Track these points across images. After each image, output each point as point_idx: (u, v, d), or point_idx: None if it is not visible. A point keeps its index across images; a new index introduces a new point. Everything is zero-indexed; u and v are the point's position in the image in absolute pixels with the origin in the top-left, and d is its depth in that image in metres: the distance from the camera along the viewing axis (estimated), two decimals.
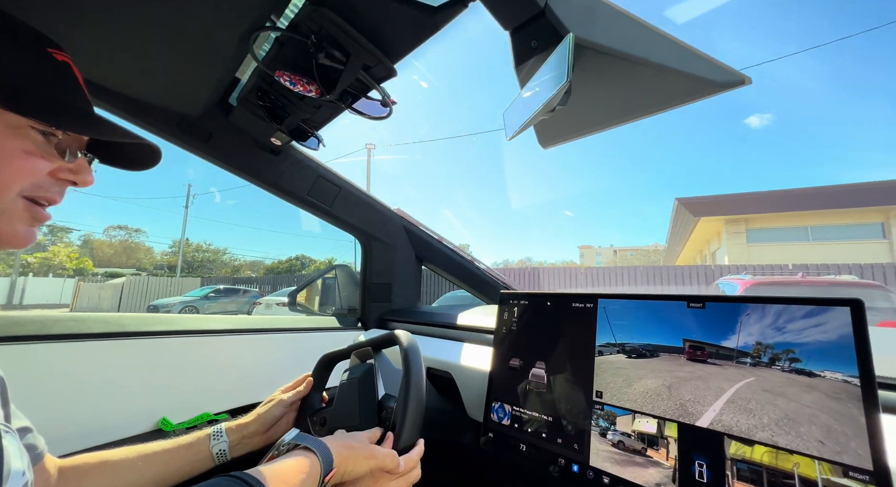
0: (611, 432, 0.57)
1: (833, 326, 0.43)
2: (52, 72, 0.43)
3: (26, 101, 0.40)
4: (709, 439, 0.48)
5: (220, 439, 0.68)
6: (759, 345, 0.48)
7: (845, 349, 0.42)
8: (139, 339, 0.92)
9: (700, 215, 13.16)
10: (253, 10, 0.56)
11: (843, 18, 56.94)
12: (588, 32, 0.49)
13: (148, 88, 0.81)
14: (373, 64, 0.63)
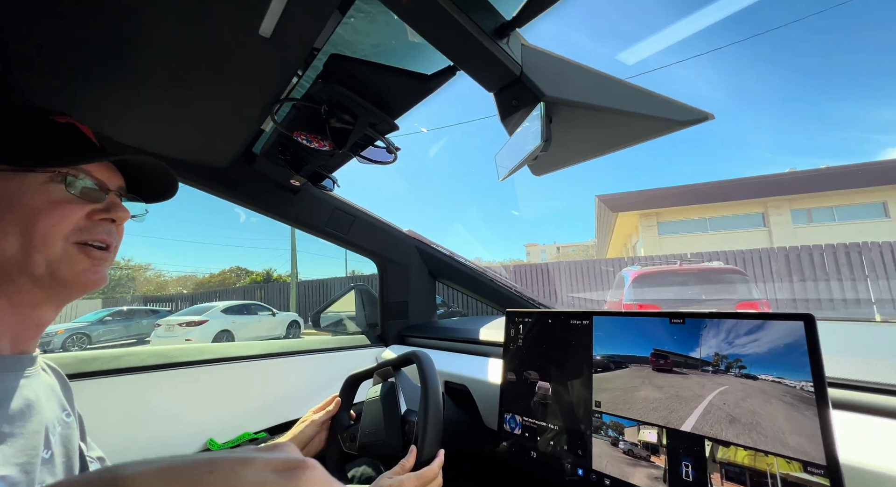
0: (621, 442, 0.62)
1: (782, 336, 0.49)
2: (55, 133, 0.48)
3: (32, 159, 0.45)
4: (691, 441, 0.54)
5: None
6: (718, 356, 0.55)
7: (798, 356, 0.48)
8: (186, 369, 1.03)
9: (618, 210, 14.66)
10: (275, 87, 0.65)
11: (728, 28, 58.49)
12: (559, 91, 0.57)
13: (183, 148, 0.92)
14: (377, 122, 0.72)
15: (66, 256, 0.45)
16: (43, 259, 0.44)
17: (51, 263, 0.45)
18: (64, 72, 0.63)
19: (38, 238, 0.44)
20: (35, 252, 0.44)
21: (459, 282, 1.61)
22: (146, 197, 0.58)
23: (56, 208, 0.45)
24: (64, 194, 0.46)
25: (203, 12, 0.50)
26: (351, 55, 0.62)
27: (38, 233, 0.44)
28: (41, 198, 0.44)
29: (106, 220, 0.49)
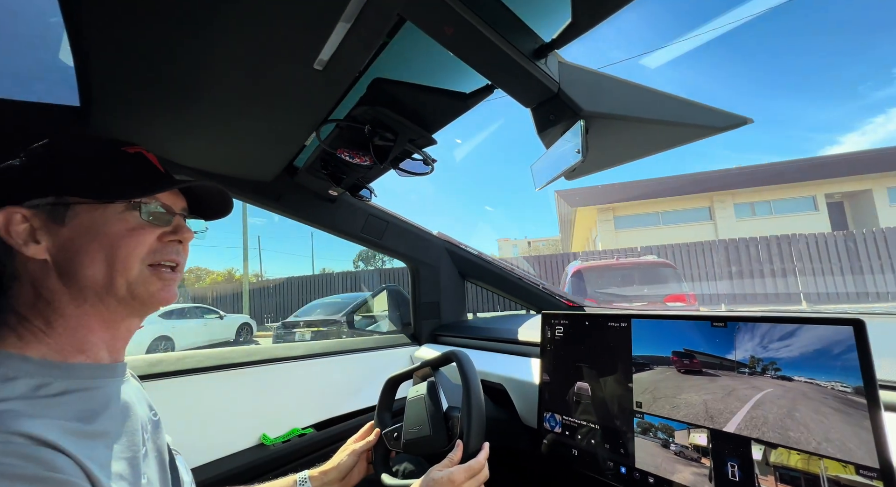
0: (665, 441, 0.64)
1: (835, 340, 0.50)
2: (128, 164, 0.52)
3: (109, 190, 0.49)
4: (737, 442, 0.56)
5: (305, 485, 0.78)
6: (754, 359, 0.56)
7: (845, 360, 0.49)
8: (240, 369, 1.11)
9: (576, 205, 15.47)
10: (322, 111, 0.70)
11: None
12: (596, 105, 0.58)
13: (232, 166, 0.99)
14: (416, 137, 0.75)
15: (141, 278, 0.50)
16: (124, 282, 0.49)
17: (130, 285, 0.49)
18: (135, 106, 0.69)
19: (120, 263, 0.48)
20: (118, 276, 0.48)
21: (489, 282, 1.64)
22: (205, 215, 0.63)
23: (133, 234, 0.50)
24: (138, 220, 0.50)
25: (265, 50, 0.55)
26: (393, 78, 0.66)
27: (119, 258, 0.48)
28: (120, 226, 0.49)
29: (174, 241, 0.54)
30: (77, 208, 0.48)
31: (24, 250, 0.46)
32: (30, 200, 0.46)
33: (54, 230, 0.47)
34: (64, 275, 0.47)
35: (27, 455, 0.35)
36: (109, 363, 0.51)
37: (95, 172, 0.49)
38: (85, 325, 0.48)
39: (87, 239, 0.47)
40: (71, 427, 0.41)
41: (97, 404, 0.46)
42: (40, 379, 0.43)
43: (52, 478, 0.35)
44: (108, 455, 0.43)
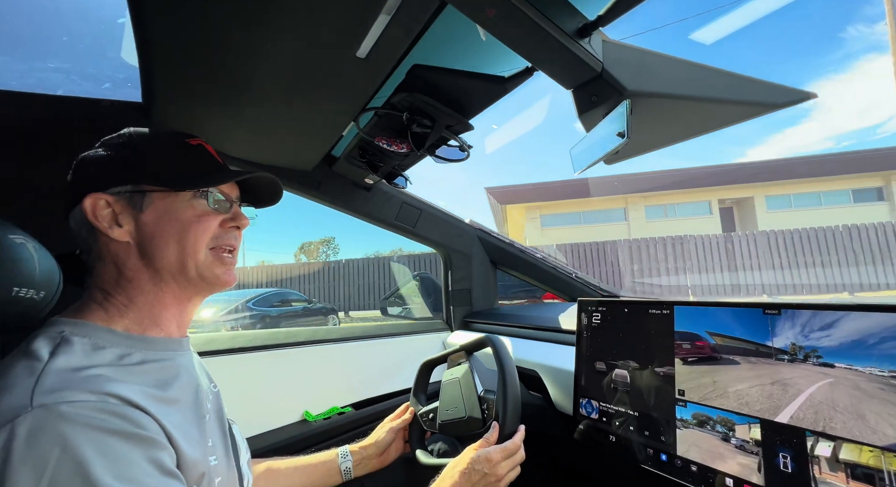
0: (718, 432, 0.61)
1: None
2: (193, 155, 0.56)
3: (181, 180, 0.53)
4: (790, 433, 0.54)
5: (346, 458, 0.84)
6: (812, 348, 0.53)
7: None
8: (286, 349, 1.17)
9: (504, 202, 15.86)
10: (361, 98, 0.72)
11: None
12: (642, 84, 0.56)
13: (276, 155, 1.03)
14: (454, 123, 0.76)
15: (206, 261, 0.54)
16: (193, 265, 0.53)
17: (198, 267, 0.54)
18: (192, 101, 0.74)
19: (190, 247, 0.53)
20: (188, 258, 0.53)
21: (521, 270, 1.64)
22: (255, 204, 0.67)
23: (200, 220, 0.54)
24: (205, 207, 0.55)
25: (310, 39, 0.57)
26: (432, 64, 0.66)
27: (189, 242, 0.53)
28: (190, 213, 0.53)
29: (233, 227, 0.58)
30: (153, 196, 0.52)
31: (109, 232, 0.50)
32: (112, 187, 0.51)
33: (134, 216, 0.51)
34: (145, 256, 0.52)
35: (120, 414, 0.39)
36: (178, 338, 0.56)
37: (168, 163, 0.54)
38: (161, 301, 0.53)
39: (163, 224, 0.52)
40: (150, 393, 0.45)
41: (169, 374, 0.51)
42: (123, 349, 0.48)
43: (140, 435, 0.40)
44: (181, 419, 0.48)
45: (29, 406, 0.36)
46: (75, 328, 0.46)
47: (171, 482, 0.41)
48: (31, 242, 0.56)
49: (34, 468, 0.34)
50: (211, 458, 0.50)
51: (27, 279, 0.53)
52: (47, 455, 0.34)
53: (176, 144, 0.57)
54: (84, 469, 0.35)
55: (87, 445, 0.36)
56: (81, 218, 0.51)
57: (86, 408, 0.37)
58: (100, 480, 0.35)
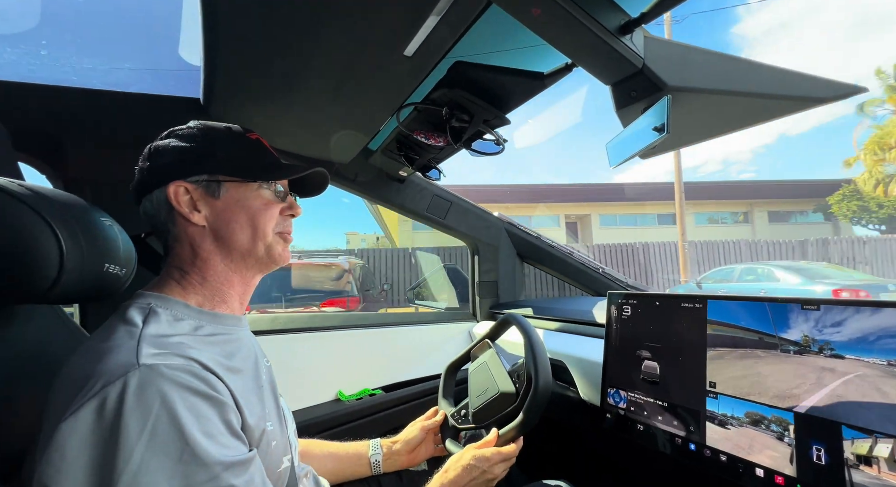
0: (750, 424, 0.63)
1: None
2: (255, 148, 0.60)
3: (252, 172, 0.58)
4: (824, 426, 0.54)
5: (376, 451, 0.89)
6: (848, 341, 0.53)
7: None
8: (323, 332, 1.24)
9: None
10: (403, 94, 0.75)
11: None
12: (683, 80, 0.57)
13: (317, 148, 1.09)
14: (491, 118, 0.78)
15: (274, 241, 0.60)
16: (263, 246, 0.59)
17: (267, 248, 0.59)
18: (247, 97, 0.79)
19: (261, 231, 0.58)
20: (259, 241, 0.58)
21: (547, 264, 1.65)
22: (301, 193, 0.72)
23: (268, 208, 0.59)
24: (271, 197, 0.60)
25: (362, 40, 0.60)
26: (473, 61, 0.69)
27: (260, 227, 0.58)
28: (259, 202, 0.58)
29: (289, 215, 0.63)
30: (228, 185, 0.57)
31: (190, 216, 0.56)
32: (191, 176, 0.56)
33: (210, 202, 0.57)
34: (218, 239, 0.57)
35: (202, 377, 0.45)
36: (240, 315, 0.62)
37: (238, 156, 0.59)
38: (229, 280, 0.59)
39: (236, 211, 0.57)
40: (220, 361, 0.51)
41: (234, 346, 0.57)
42: (197, 322, 0.54)
43: (217, 398, 0.45)
44: (243, 387, 0.53)
45: (136, 365, 0.41)
46: (159, 301, 0.52)
47: (237, 442, 0.46)
48: (116, 224, 0.63)
49: (142, 415, 0.39)
50: (268, 423, 0.56)
51: (115, 257, 0.59)
52: (151, 406, 0.40)
53: (239, 138, 0.62)
54: (177, 420, 0.40)
55: (179, 401, 0.41)
56: (162, 203, 0.56)
57: (178, 369, 0.43)
58: (189, 431, 0.41)
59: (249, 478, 0.45)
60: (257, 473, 0.47)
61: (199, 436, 0.41)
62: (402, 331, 1.44)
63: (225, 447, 0.43)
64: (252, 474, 0.46)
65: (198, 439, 0.41)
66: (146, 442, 0.39)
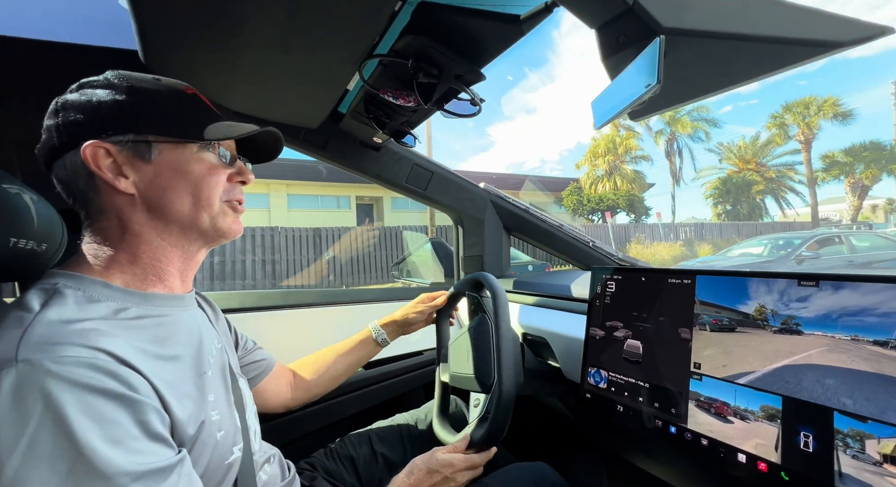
0: (735, 407, 0.59)
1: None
2: (192, 104, 0.53)
3: (189, 131, 0.51)
4: (815, 410, 0.50)
5: (378, 331, 0.97)
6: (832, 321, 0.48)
7: None
8: (301, 309, 1.20)
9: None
10: (364, 43, 0.65)
11: None
12: (681, 20, 0.48)
13: (279, 111, 0.99)
14: (464, 72, 0.69)
15: (221, 212, 0.54)
16: (207, 216, 0.52)
17: (212, 218, 0.53)
18: (187, 47, 0.69)
19: (204, 199, 0.52)
20: (202, 210, 0.52)
21: (535, 237, 1.58)
22: (252, 159, 0.64)
23: (212, 173, 0.53)
24: (214, 160, 0.53)
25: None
26: (440, 1, 0.59)
27: (203, 194, 0.52)
28: (201, 166, 0.52)
29: (239, 182, 0.57)
30: (160, 147, 0.49)
31: (115, 183, 0.47)
32: (112, 135, 0.47)
33: (140, 167, 0.49)
34: (152, 209, 0.50)
35: (110, 371, 0.38)
36: (181, 294, 0.55)
37: (170, 113, 0.51)
38: (166, 256, 0.52)
39: (173, 176, 0.50)
40: (145, 349, 0.44)
41: (168, 330, 0.50)
42: (119, 304, 0.46)
43: (130, 397, 0.38)
44: (177, 376, 0.47)
45: (13, 360, 0.34)
46: (69, 281, 0.45)
47: (158, 446, 0.40)
48: (29, 192, 0.55)
49: (16, 423, 0.33)
50: (212, 413, 0.50)
51: (25, 230, 0.52)
52: (30, 410, 0.33)
53: (173, 93, 0.53)
54: (66, 426, 0.34)
55: (71, 403, 0.34)
56: (78, 168, 0.47)
57: (74, 364, 0.36)
58: (82, 439, 0.34)
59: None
60: (182, 480, 0.41)
61: (97, 444, 0.34)
62: (384, 307, 1.39)
63: (137, 453, 0.37)
64: (173, 483, 0.39)
65: (95, 447, 0.34)
66: (23, 453, 0.32)
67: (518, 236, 1.66)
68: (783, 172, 23.07)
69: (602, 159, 21.06)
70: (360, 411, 1.21)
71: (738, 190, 23.28)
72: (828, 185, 22.31)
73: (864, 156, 20.59)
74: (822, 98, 21.05)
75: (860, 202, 21.16)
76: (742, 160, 23.67)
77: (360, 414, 1.20)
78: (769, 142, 23.20)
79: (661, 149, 23.88)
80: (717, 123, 22.81)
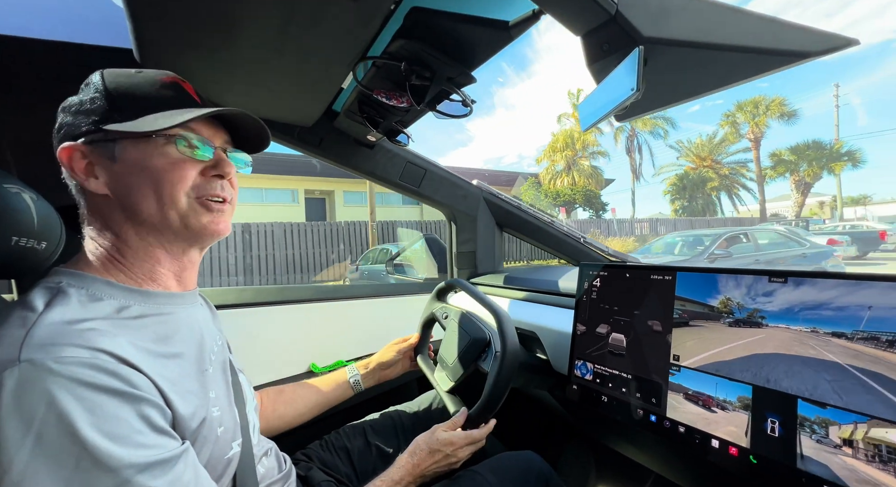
0: (709, 397, 0.63)
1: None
2: (167, 94, 0.50)
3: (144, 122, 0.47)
4: (780, 398, 0.54)
5: (354, 374, 0.98)
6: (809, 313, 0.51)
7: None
8: (295, 305, 1.21)
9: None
10: (357, 45, 0.67)
11: None
12: (660, 30, 0.51)
13: (273, 109, 1.00)
14: (455, 75, 0.71)
15: (191, 210, 0.50)
16: (175, 215, 0.49)
17: (182, 217, 0.50)
18: (178, 44, 0.70)
19: (167, 197, 0.48)
20: (168, 209, 0.49)
21: (527, 233, 1.61)
22: (247, 148, 0.60)
23: (175, 168, 0.49)
24: (184, 153, 0.49)
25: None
26: (431, 6, 0.61)
27: (166, 192, 0.48)
28: (162, 160, 0.48)
29: (216, 176, 0.52)
30: (123, 143, 0.48)
31: (86, 184, 0.48)
32: (86, 135, 0.47)
33: (108, 166, 0.48)
34: (126, 209, 0.49)
35: (111, 371, 0.39)
36: (179, 292, 0.55)
37: (138, 106, 0.48)
38: (152, 256, 0.52)
39: (136, 174, 0.48)
40: (147, 347, 0.45)
41: (169, 328, 0.51)
42: (122, 302, 0.47)
43: (132, 394, 0.40)
44: (179, 373, 0.48)
45: (16, 361, 0.36)
46: (73, 279, 0.46)
47: (161, 438, 0.41)
48: (28, 192, 0.56)
49: (22, 419, 0.34)
50: (213, 409, 0.51)
51: (26, 229, 0.53)
52: (34, 409, 0.35)
53: (149, 83, 0.50)
54: (70, 424, 0.35)
55: (73, 401, 0.36)
56: (65, 171, 0.49)
57: (75, 364, 0.37)
58: (87, 435, 0.35)
59: (175, 477, 0.41)
60: (188, 469, 0.43)
61: (100, 440, 0.36)
62: (377, 303, 1.41)
63: (141, 447, 0.39)
64: (179, 472, 0.41)
65: (98, 443, 0.36)
66: (30, 450, 0.34)
67: (510, 233, 1.69)
68: (736, 170, 24.02)
69: (560, 155, 20.98)
70: (355, 404, 1.24)
71: (693, 186, 23.97)
72: (776, 182, 23.49)
73: (807, 155, 21.62)
74: (770, 98, 21.95)
75: (803, 199, 22.25)
76: (699, 157, 24.45)
77: (355, 407, 1.23)
78: (724, 140, 23.98)
79: (621, 146, 24.20)
80: (674, 123, 23.37)
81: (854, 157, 21.09)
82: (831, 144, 21.74)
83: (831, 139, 22.35)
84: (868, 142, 51.87)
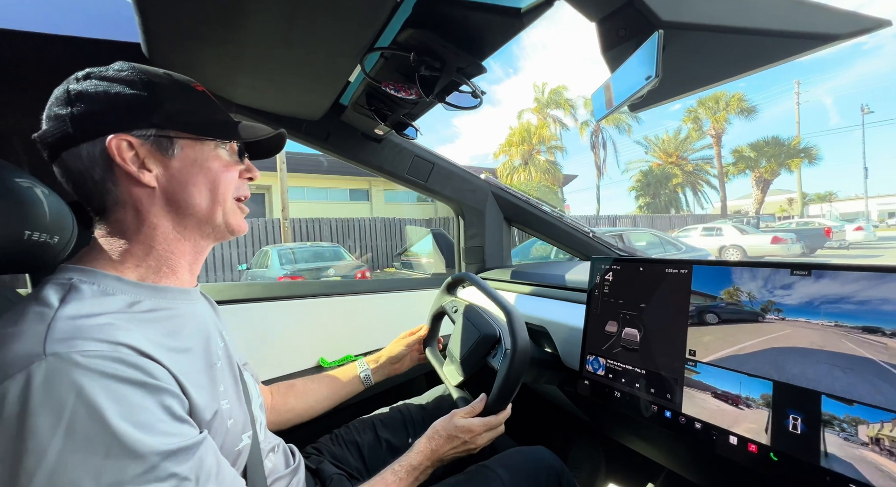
0: (727, 392, 0.62)
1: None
2: (203, 102, 0.54)
3: (208, 129, 0.53)
4: (804, 395, 0.52)
5: (364, 369, 0.98)
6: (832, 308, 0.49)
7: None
8: (305, 299, 1.21)
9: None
10: (365, 36, 0.66)
11: None
12: (679, 13, 0.49)
13: (281, 104, 0.99)
14: (465, 65, 0.69)
15: (232, 209, 0.56)
16: (221, 212, 0.54)
17: (225, 214, 0.55)
18: (186, 39, 0.69)
19: (220, 195, 0.54)
20: (217, 207, 0.54)
21: (535, 227, 1.60)
22: (253, 154, 0.64)
23: (227, 170, 0.55)
24: (228, 158, 0.56)
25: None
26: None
27: (220, 190, 0.54)
28: (218, 162, 0.54)
29: (247, 178, 0.59)
30: (181, 142, 0.51)
31: (140, 176, 0.48)
32: (135, 129, 0.48)
33: (163, 161, 0.50)
34: (171, 203, 0.51)
35: (132, 363, 0.40)
36: (188, 287, 0.56)
37: (188, 109, 0.52)
38: (180, 249, 0.53)
39: (194, 172, 0.52)
40: (160, 342, 0.46)
41: (179, 322, 0.51)
42: (133, 297, 0.47)
43: (154, 384, 0.41)
44: (191, 368, 0.48)
45: (42, 354, 0.36)
46: (83, 275, 0.46)
47: (183, 426, 0.42)
48: (40, 186, 0.56)
49: (53, 410, 0.35)
50: (223, 402, 0.52)
51: (39, 223, 0.53)
52: (64, 400, 0.35)
53: (185, 88, 0.54)
54: (99, 413, 0.36)
55: (101, 392, 0.37)
56: (96, 159, 0.47)
57: (98, 357, 0.38)
58: (116, 425, 0.36)
59: (198, 462, 0.42)
60: (209, 454, 0.44)
61: (129, 428, 0.37)
62: (385, 297, 1.41)
63: (165, 435, 0.40)
64: (201, 457, 0.42)
65: (127, 431, 0.37)
66: (62, 440, 0.35)
67: (519, 227, 1.67)
68: (700, 166, 23.80)
69: (517, 149, 20.65)
70: (365, 398, 1.25)
71: (657, 183, 23.75)
72: (738, 179, 23.20)
73: (765, 151, 21.29)
74: (730, 93, 21.58)
75: (763, 196, 22.01)
76: (665, 153, 24.22)
77: (365, 402, 1.23)
78: (688, 136, 23.71)
79: (587, 141, 23.69)
80: (638, 118, 23.16)
81: (810, 153, 20.86)
82: (789, 140, 21.48)
83: (789, 136, 22.01)
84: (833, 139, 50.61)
